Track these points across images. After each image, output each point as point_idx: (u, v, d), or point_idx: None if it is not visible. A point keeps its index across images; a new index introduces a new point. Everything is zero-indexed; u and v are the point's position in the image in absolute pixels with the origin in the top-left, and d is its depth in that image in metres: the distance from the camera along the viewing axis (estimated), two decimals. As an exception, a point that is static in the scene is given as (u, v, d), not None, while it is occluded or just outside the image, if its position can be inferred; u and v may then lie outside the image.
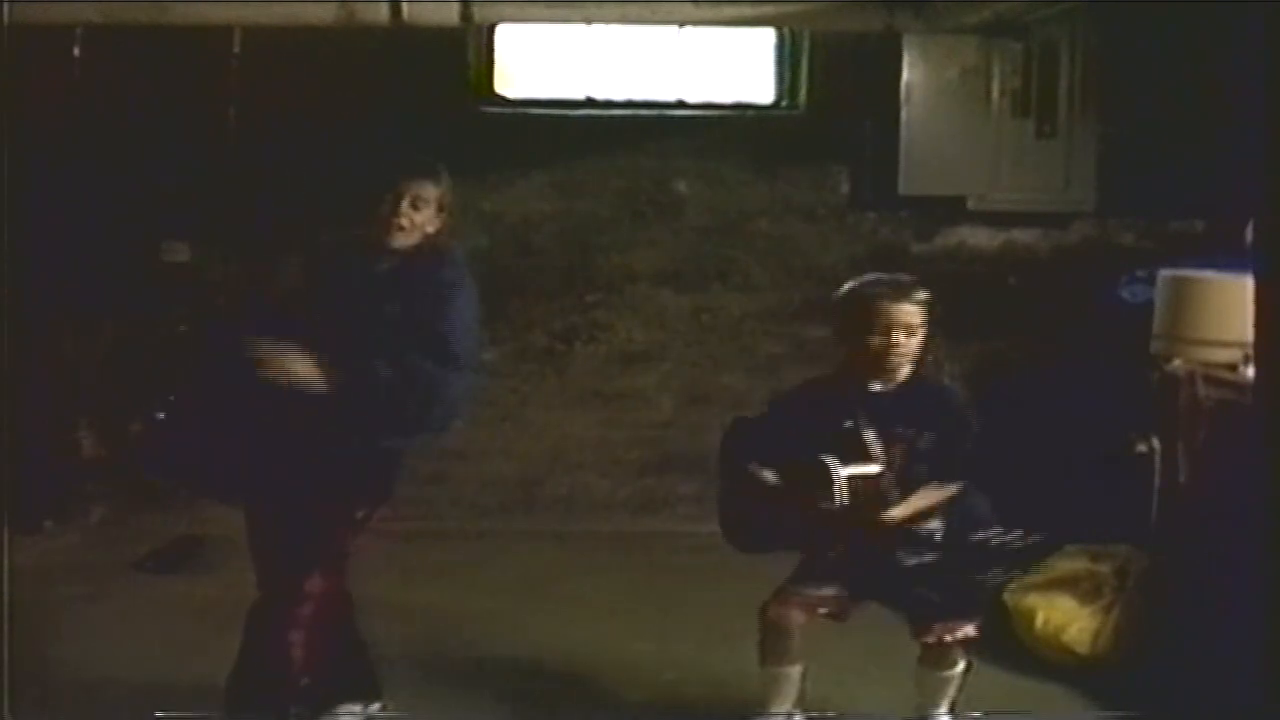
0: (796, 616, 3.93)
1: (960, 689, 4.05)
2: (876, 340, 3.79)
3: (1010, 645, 4.84)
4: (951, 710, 4.07)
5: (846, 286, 3.94)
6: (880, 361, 3.81)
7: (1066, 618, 4.74)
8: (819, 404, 3.86)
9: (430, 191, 3.94)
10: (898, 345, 3.79)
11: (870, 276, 4.00)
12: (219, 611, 4.41)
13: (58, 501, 6.30)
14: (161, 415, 3.93)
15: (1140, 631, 4.65)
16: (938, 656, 3.99)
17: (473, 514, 6.58)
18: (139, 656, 4.63)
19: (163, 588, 5.46)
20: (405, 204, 3.89)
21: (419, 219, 3.92)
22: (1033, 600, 4.85)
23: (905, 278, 4.00)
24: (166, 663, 4.45)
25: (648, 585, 5.66)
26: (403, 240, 3.90)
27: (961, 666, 4.02)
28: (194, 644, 4.25)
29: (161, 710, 4.16)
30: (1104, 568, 4.85)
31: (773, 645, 3.99)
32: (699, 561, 6.04)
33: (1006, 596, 4.94)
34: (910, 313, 3.81)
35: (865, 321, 3.82)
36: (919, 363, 3.84)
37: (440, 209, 3.98)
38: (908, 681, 4.09)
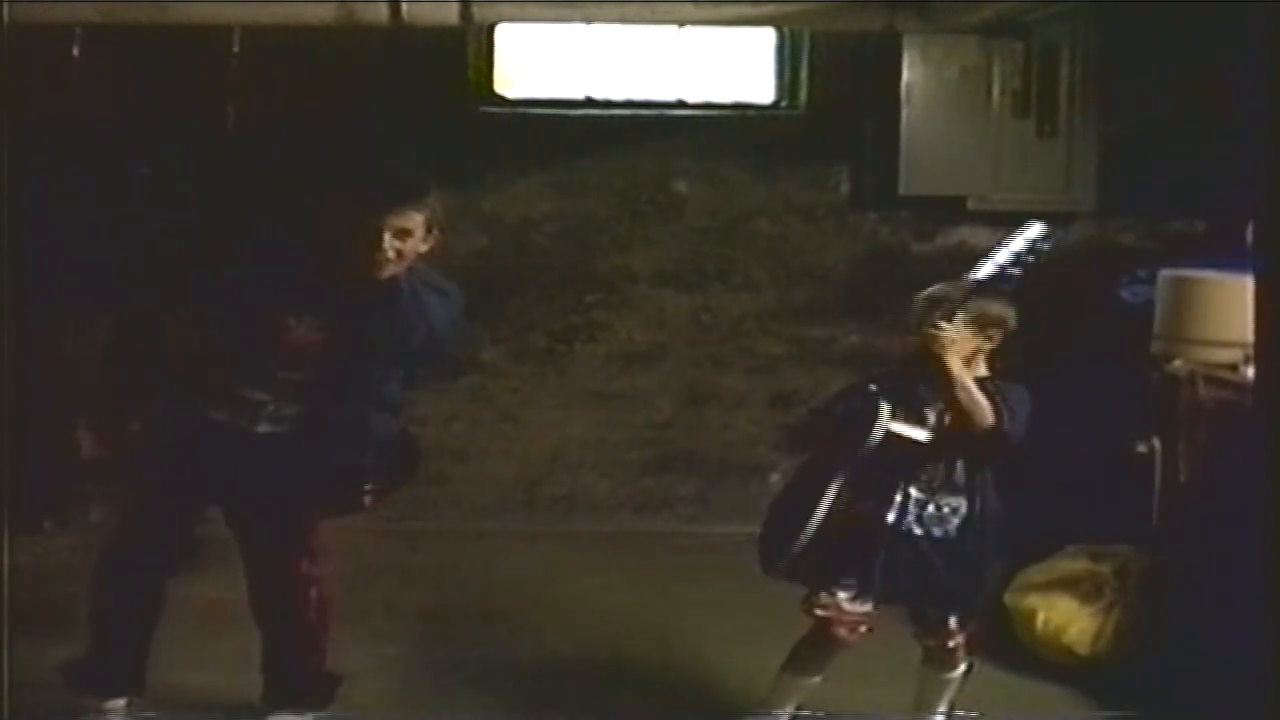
0: (850, 637, 3.94)
1: (959, 690, 4.06)
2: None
3: (1010, 645, 4.84)
4: (950, 711, 4.08)
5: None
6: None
7: (1067, 618, 4.74)
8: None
9: (414, 220, 3.82)
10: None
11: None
12: (219, 611, 4.42)
13: (57, 501, 6.29)
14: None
15: (1140, 632, 4.65)
16: (943, 658, 4.00)
17: (473, 514, 6.58)
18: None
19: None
20: (389, 237, 3.78)
21: (406, 248, 3.81)
22: (1033, 601, 4.85)
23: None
24: (166, 663, 4.44)
25: (648, 585, 5.66)
26: (392, 269, 3.81)
27: (964, 668, 4.03)
28: (193, 644, 4.25)
29: (160, 710, 4.18)
30: (1104, 568, 4.84)
31: (815, 658, 4.01)
32: (699, 561, 6.05)
33: (1007, 597, 4.94)
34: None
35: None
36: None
37: (429, 230, 3.86)
38: (906, 681, 4.09)
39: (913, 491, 3.85)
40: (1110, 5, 6.09)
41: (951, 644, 3.96)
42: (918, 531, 3.85)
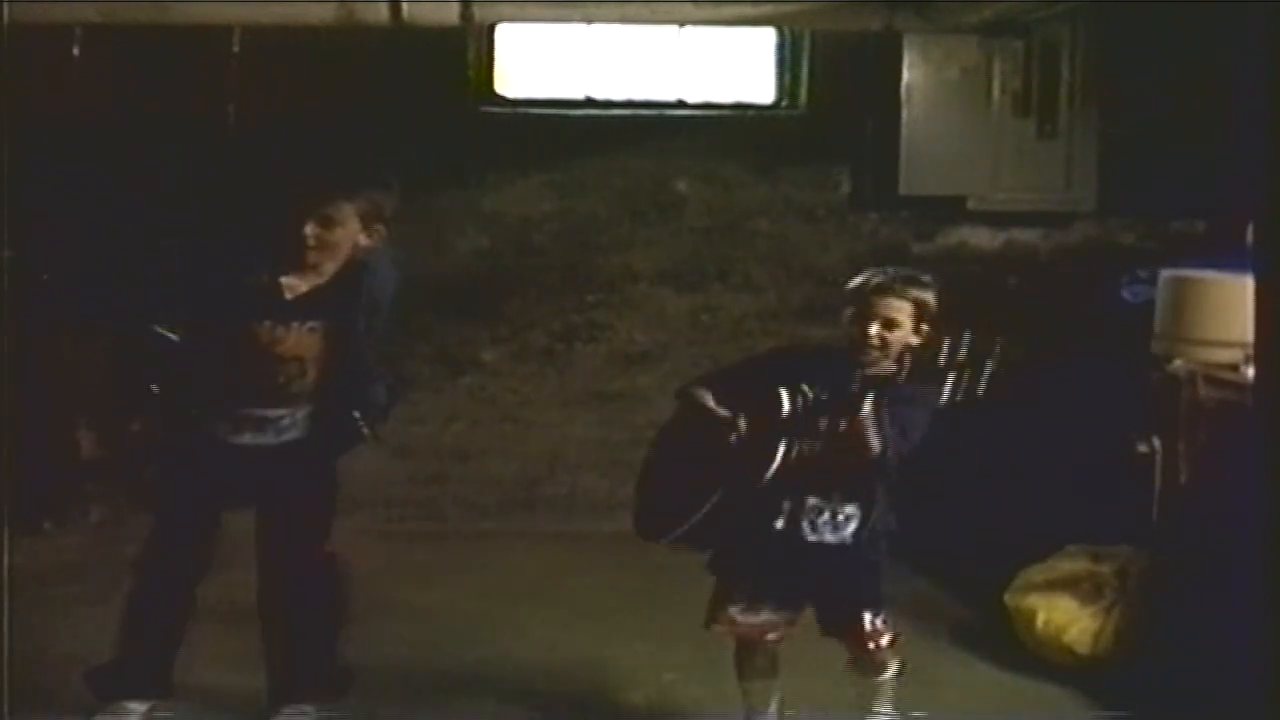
0: (764, 640, 3.96)
1: (895, 689, 3.98)
2: (858, 328, 3.76)
3: (1010, 645, 4.84)
4: (896, 711, 4.01)
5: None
6: (860, 349, 3.75)
7: (1067, 618, 4.74)
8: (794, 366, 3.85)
9: (342, 208, 3.87)
10: (875, 337, 3.73)
11: (885, 270, 3.88)
12: (219, 611, 4.41)
13: (57, 502, 6.29)
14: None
15: (1141, 632, 4.64)
16: (867, 661, 3.93)
17: (473, 514, 6.58)
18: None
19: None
20: (310, 226, 3.85)
21: (334, 237, 3.87)
22: (1033, 601, 4.85)
23: (908, 273, 3.89)
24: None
25: (648, 585, 5.65)
26: (318, 258, 3.88)
27: (893, 671, 3.95)
28: (193, 644, 4.25)
29: (161, 710, 4.18)
30: (1105, 568, 4.84)
31: (746, 663, 4.04)
32: (699, 561, 6.04)
33: (1007, 597, 4.95)
34: (895, 307, 3.74)
35: (855, 309, 3.78)
36: (901, 360, 3.73)
37: (367, 221, 3.91)
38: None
39: (809, 499, 3.78)
40: (1110, 5, 6.08)
41: (874, 645, 3.88)
42: (811, 538, 3.79)
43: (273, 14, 5.35)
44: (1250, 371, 4.27)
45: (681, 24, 6.10)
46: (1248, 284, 3.58)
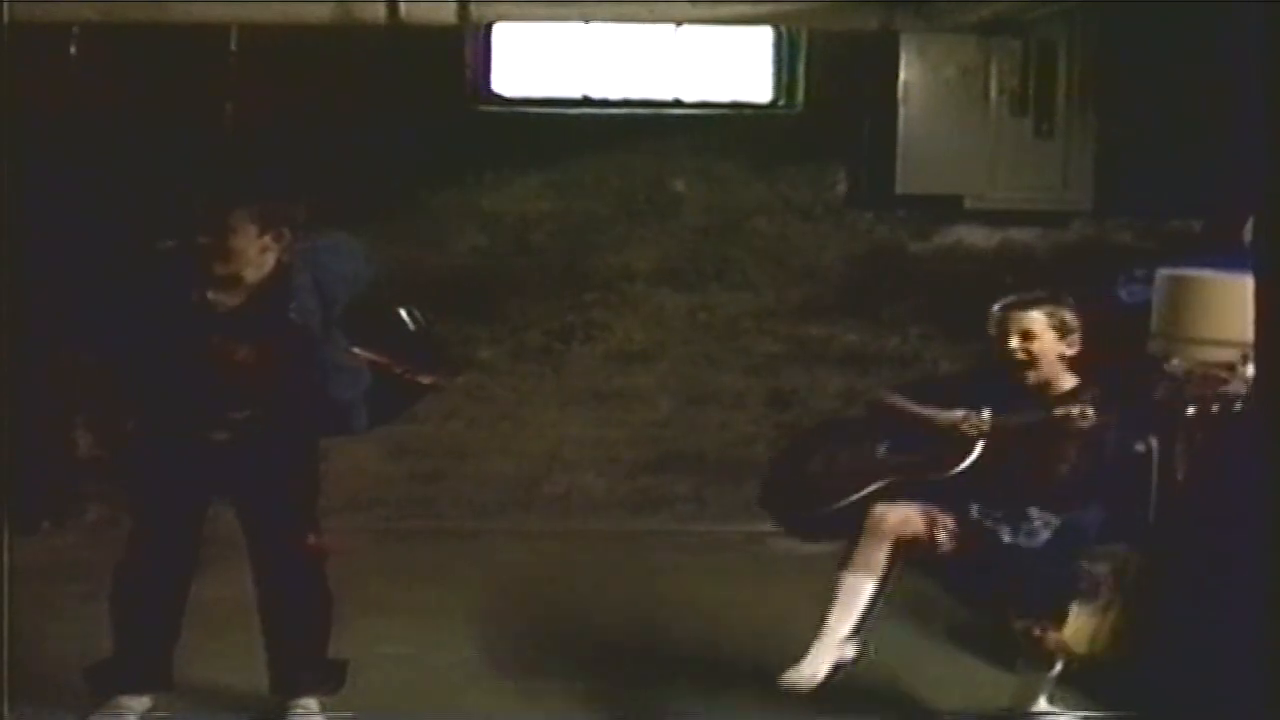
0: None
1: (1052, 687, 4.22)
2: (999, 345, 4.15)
3: (1010, 645, 4.84)
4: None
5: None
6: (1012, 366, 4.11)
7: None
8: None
9: (233, 217, 3.89)
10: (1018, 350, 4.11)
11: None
12: (217, 611, 4.42)
13: (55, 502, 6.29)
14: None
15: (1137, 632, 4.65)
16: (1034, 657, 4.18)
17: (471, 514, 6.58)
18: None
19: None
20: (205, 237, 3.88)
21: (233, 245, 3.88)
22: (1031, 600, 4.85)
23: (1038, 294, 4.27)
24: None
25: (647, 585, 5.66)
26: (229, 269, 3.90)
27: (1059, 668, 4.19)
28: (192, 643, 4.25)
29: (161, 709, 4.18)
30: (1101, 568, 4.84)
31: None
32: (697, 561, 6.06)
33: (1005, 596, 4.94)
34: (1029, 319, 4.15)
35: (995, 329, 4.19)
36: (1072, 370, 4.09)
37: (267, 227, 3.91)
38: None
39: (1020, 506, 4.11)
40: (1109, 5, 6.09)
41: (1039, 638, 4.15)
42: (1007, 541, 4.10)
43: (271, 13, 5.36)
44: (1248, 371, 4.28)
45: (679, 23, 6.12)
46: (1245, 283, 3.57)
